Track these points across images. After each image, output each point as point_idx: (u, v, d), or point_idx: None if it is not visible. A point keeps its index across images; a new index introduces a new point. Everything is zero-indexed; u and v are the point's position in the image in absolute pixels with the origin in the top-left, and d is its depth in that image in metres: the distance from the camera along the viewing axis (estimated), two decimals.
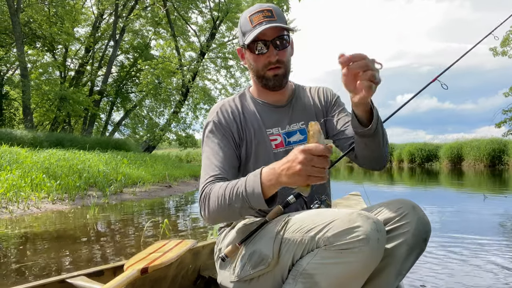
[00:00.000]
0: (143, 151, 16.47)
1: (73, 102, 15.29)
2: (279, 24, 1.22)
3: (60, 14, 16.98)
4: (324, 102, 1.40)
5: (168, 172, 9.45)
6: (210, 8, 18.51)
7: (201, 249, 1.69)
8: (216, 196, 1.10)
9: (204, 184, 1.17)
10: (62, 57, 19.20)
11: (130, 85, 21.07)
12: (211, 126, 1.28)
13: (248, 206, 1.04)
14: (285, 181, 0.96)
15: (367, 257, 0.94)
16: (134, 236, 3.37)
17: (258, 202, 1.01)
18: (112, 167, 7.98)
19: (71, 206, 5.20)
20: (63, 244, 3.07)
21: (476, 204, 5.32)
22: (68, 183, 5.82)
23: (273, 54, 1.23)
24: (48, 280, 1.27)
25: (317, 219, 1.03)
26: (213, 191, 1.11)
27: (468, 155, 16.58)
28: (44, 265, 2.45)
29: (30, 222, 4.06)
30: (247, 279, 1.14)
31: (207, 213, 1.13)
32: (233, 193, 1.06)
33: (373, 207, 1.19)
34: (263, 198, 1.01)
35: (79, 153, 9.33)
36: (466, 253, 2.65)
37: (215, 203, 1.10)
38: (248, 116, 1.31)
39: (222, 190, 1.09)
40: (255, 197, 1.01)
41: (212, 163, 1.21)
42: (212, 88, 20.10)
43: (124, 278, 1.15)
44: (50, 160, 7.30)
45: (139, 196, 6.59)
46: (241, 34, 1.29)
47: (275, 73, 1.26)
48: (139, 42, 20.03)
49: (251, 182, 1.03)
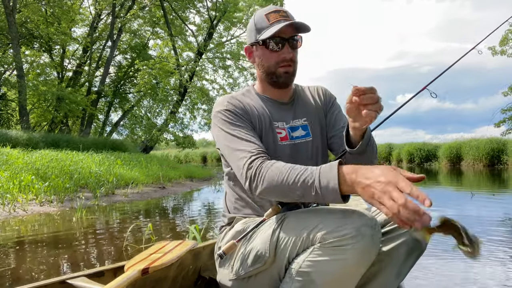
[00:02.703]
0: (141, 151, 16.40)
1: (70, 102, 15.22)
2: (299, 21, 1.26)
3: (57, 14, 16.92)
4: (323, 101, 1.44)
5: (163, 173, 9.37)
6: (207, 8, 18.45)
7: (202, 250, 1.70)
8: (276, 176, 1.05)
9: (251, 158, 1.12)
10: (60, 58, 19.14)
11: (128, 85, 20.99)
12: (226, 114, 1.26)
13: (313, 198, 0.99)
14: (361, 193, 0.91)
15: (360, 253, 0.95)
16: (118, 241, 3.28)
17: (334, 198, 0.96)
18: (105, 168, 7.90)
19: (59, 208, 5.12)
20: (40, 249, 2.99)
21: (463, 201, 5.37)
22: (58, 185, 5.75)
23: (289, 51, 1.27)
24: (48, 281, 1.28)
25: (313, 217, 1.04)
26: (272, 171, 1.06)
27: (467, 155, 16.48)
28: (12, 272, 2.37)
29: (14, 225, 3.98)
30: (245, 277, 1.16)
31: (259, 189, 1.09)
32: (301, 179, 1.00)
33: (373, 208, 1.17)
34: (340, 195, 0.94)
35: (72, 153, 9.25)
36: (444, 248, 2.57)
37: (274, 184, 1.05)
38: (257, 108, 1.33)
39: (285, 173, 1.03)
40: (330, 192, 0.95)
41: (247, 140, 1.18)
42: (210, 88, 20.05)
43: (124, 279, 1.16)
44: (42, 161, 7.23)
45: (131, 198, 6.51)
46: (255, 31, 1.31)
47: (286, 71, 1.29)
48: (137, 42, 19.96)
49: (326, 173, 0.97)
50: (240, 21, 19.40)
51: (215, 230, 3.58)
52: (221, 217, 1.43)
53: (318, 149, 1.36)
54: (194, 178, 11.13)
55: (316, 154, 1.35)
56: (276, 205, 1.18)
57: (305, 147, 1.33)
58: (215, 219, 4.39)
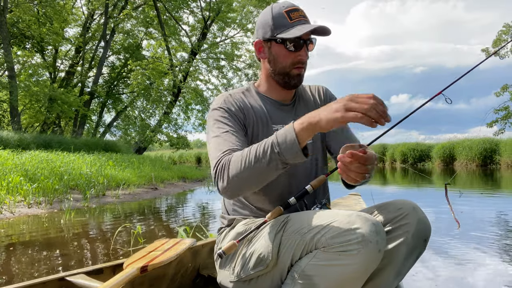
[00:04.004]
0: (134, 152, 16.29)
1: (62, 103, 15.07)
2: (323, 26, 1.23)
3: (49, 14, 16.76)
4: (323, 101, 1.42)
5: (155, 173, 9.29)
6: (201, 8, 18.39)
7: (201, 248, 1.70)
8: (238, 159, 1.05)
9: (220, 157, 1.11)
10: (52, 58, 18.96)
11: (121, 86, 20.85)
12: (220, 112, 1.25)
13: (277, 156, 0.99)
14: (319, 119, 0.94)
15: (365, 259, 0.94)
16: (104, 244, 3.22)
17: (291, 146, 0.97)
18: (95, 169, 7.82)
19: (47, 210, 5.04)
20: (22, 252, 2.92)
21: (451, 200, 5.47)
22: (47, 186, 5.67)
23: (306, 54, 1.26)
24: (47, 278, 1.27)
25: (316, 220, 1.03)
26: (234, 157, 1.07)
27: (460, 155, 16.57)
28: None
29: (0, 228, 3.90)
30: (246, 279, 1.15)
31: (225, 182, 1.07)
32: (261, 148, 1.01)
33: (373, 208, 1.20)
34: (298, 144, 0.96)
35: (63, 154, 9.14)
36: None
37: (238, 166, 1.04)
38: (255, 109, 1.30)
39: (246, 152, 1.04)
40: (288, 143, 0.97)
41: (225, 140, 1.17)
42: (204, 89, 19.99)
43: (123, 276, 1.15)
44: (32, 162, 7.13)
45: (122, 199, 6.44)
46: (271, 27, 1.26)
47: (299, 73, 1.27)
48: (130, 43, 19.83)
49: (282, 131, 1.00)
50: (234, 22, 19.36)
51: (211, 231, 3.52)
52: (220, 219, 1.40)
53: (318, 152, 1.35)
54: (187, 179, 11.06)
55: (315, 157, 1.34)
56: (278, 207, 1.15)
57: None
58: (207, 220, 4.35)
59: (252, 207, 1.28)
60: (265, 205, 1.26)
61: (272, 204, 1.23)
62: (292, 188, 1.26)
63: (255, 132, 1.28)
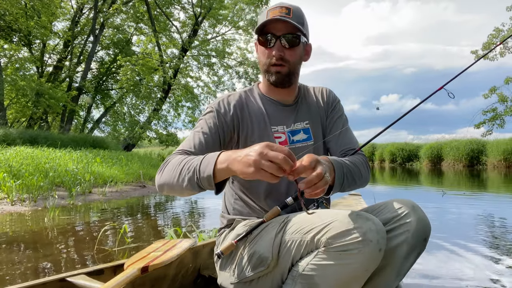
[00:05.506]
0: (123, 149, 16.10)
1: (50, 97, 14.81)
2: (289, 20, 1.20)
3: (37, 7, 16.44)
4: (326, 103, 1.42)
5: (144, 171, 9.19)
6: (192, 4, 18.24)
7: (201, 248, 1.70)
8: (173, 164, 1.11)
9: (173, 152, 1.20)
10: (40, 52, 18.62)
11: (110, 81, 20.58)
12: (208, 112, 1.29)
13: (195, 180, 1.03)
14: (236, 168, 0.95)
15: (366, 258, 0.94)
16: (89, 244, 3.15)
17: (207, 180, 1.01)
18: (82, 165, 7.69)
19: (31, 207, 4.93)
20: (1, 251, 2.84)
21: (434, 199, 5.60)
22: (31, 183, 5.55)
23: (279, 49, 1.22)
24: (48, 279, 1.27)
25: (316, 220, 1.02)
26: (174, 160, 1.12)
27: (447, 155, 16.77)
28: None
29: None
30: (246, 280, 1.15)
31: (159, 179, 1.14)
32: (189, 164, 1.06)
33: (373, 207, 1.20)
34: (213, 178, 1.00)
35: (49, 151, 8.98)
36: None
37: (170, 171, 1.10)
38: (253, 112, 1.31)
39: (180, 160, 1.10)
40: (206, 175, 1.01)
41: (190, 141, 1.23)
42: (195, 86, 19.87)
43: (124, 277, 1.15)
44: (16, 158, 6.98)
45: (109, 197, 6.35)
46: (257, 26, 1.29)
47: (278, 70, 1.25)
48: (120, 38, 19.57)
49: (208, 159, 1.03)
50: (225, 19, 19.25)
51: (207, 233, 3.46)
52: (220, 218, 1.40)
53: (319, 153, 1.34)
54: None
55: None
56: (276, 207, 1.15)
57: (305, 150, 1.31)
58: (197, 219, 4.30)
59: (254, 206, 1.29)
60: (266, 205, 1.27)
61: (273, 204, 1.23)
62: (292, 190, 1.28)
63: (249, 133, 1.28)
